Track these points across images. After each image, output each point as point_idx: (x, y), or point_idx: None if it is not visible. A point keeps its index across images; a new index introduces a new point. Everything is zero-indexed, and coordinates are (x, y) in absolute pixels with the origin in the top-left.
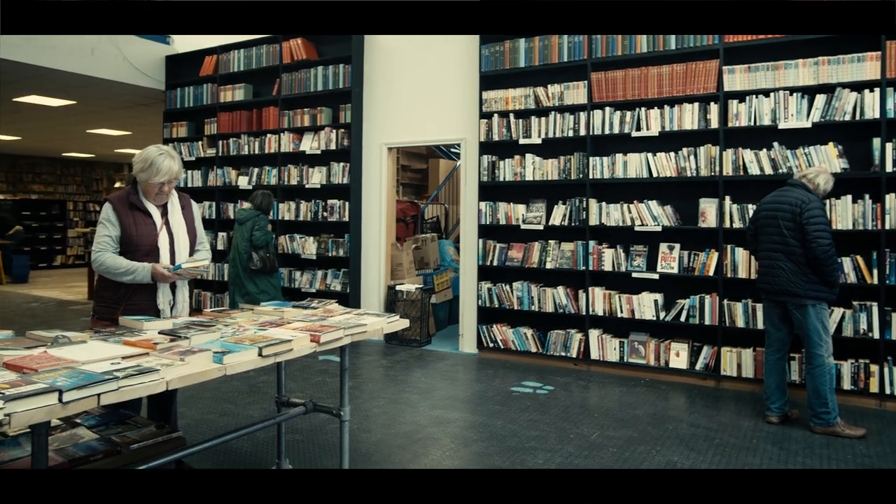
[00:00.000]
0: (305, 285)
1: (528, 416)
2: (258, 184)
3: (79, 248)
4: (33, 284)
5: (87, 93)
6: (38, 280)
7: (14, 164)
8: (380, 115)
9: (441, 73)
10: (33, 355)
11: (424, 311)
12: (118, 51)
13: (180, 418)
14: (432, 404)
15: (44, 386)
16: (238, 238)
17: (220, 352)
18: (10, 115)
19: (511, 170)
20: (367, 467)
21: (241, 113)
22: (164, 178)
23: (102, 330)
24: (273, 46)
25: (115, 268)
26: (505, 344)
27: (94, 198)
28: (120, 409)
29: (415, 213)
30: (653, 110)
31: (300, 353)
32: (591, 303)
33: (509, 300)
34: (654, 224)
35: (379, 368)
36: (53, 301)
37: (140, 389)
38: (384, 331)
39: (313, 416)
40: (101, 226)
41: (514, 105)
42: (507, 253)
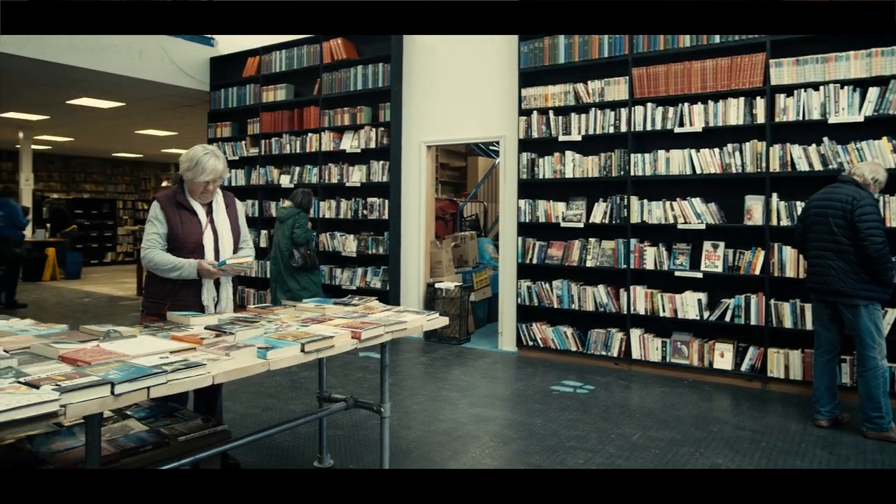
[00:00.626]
0: (346, 282)
1: (568, 416)
2: (299, 182)
3: (128, 246)
4: (85, 280)
5: (136, 94)
6: (89, 276)
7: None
8: (419, 113)
9: (480, 71)
10: (87, 349)
11: (463, 309)
12: (164, 53)
13: (225, 412)
14: (471, 402)
15: (97, 378)
16: (279, 236)
17: (263, 347)
18: (64, 117)
19: (550, 167)
20: (408, 463)
21: (283, 113)
22: (209, 177)
23: (151, 325)
24: (314, 47)
25: (162, 264)
26: (544, 342)
27: (142, 197)
28: (168, 402)
29: (454, 210)
30: (696, 105)
31: (341, 350)
32: (632, 302)
33: (549, 298)
34: (697, 222)
35: (418, 366)
36: (104, 297)
37: (187, 383)
38: (424, 328)
39: (354, 411)
40: (150, 224)
41: (553, 102)
42: (546, 251)
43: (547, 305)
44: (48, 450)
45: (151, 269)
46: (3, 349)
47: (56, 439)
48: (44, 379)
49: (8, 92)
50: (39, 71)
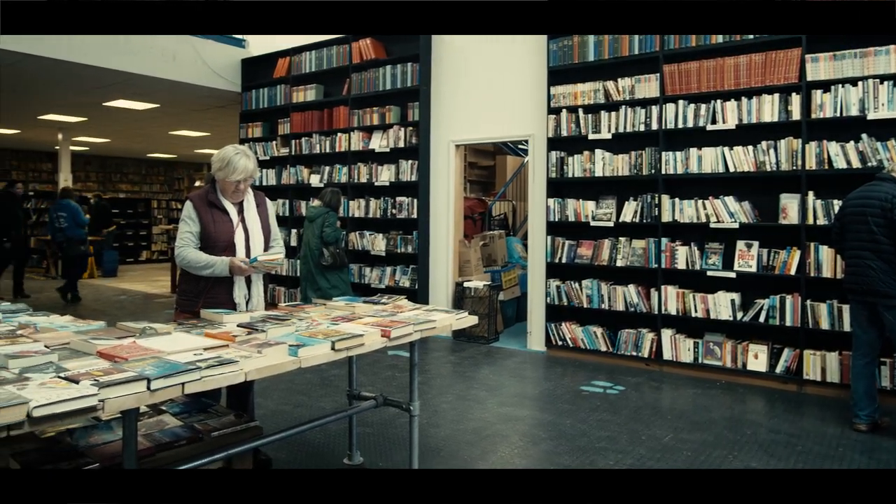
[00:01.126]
0: (375, 281)
1: (598, 416)
2: (329, 182)
3: (162, 244)
4: (121, 278)
5: (170, 96)
6: (125, 274)
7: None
8: (447, 112)
9: (508, 69)
10: (123, 345)
11: (492, 308)
12: (197, 55)
13: (257, 408)
14: (500, 401)
15: (133, 374)
16: (309, 235)
17: (295, 345)
18: (101, 118)
19: (580, 166)
20: (437, 462)
21: (313, 113)
22: (240, 177)
23: (185, 322)
24: (343, 47)
25: (195, 262)
26: (574, 342)
27: (175, 196)
28: (201, 398)
29: (482, 210)
30: (729, 102)
31: (371, 348)
32: (663, 302)
33: (578, 298)
34: (730, 221)
35: (447, 364)
36: (139, 294)
37: (220, 379)
38: (452, 327)
39: (383, 409)
40: (183, 223)
41: (582, 100)
42: (576, 250)
43: (576, 305)
44: (87, 443)
45: (185, 267)
46: (44, 345)
47: (94, 433)
48: (83, 374)
49: (48, 95)
50: (78, 74)
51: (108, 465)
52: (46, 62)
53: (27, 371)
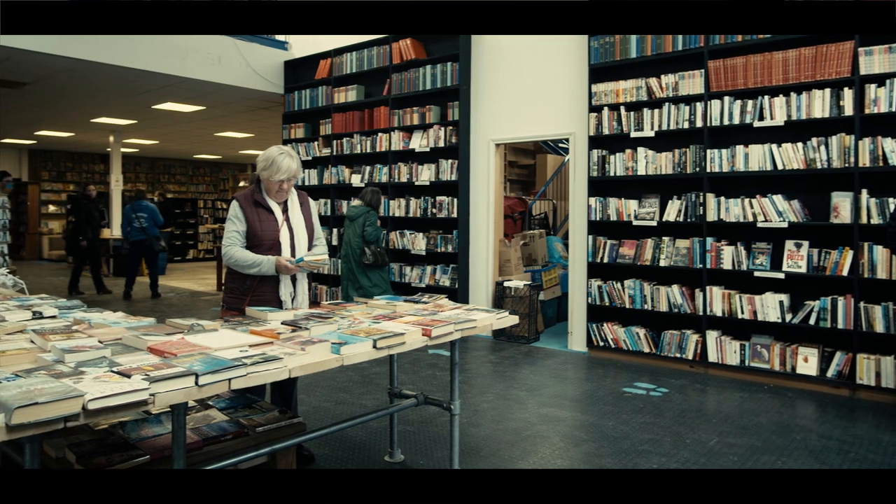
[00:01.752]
0: (415, 280)
1: (640, 419)
2: (370, 181)
3: (208, 243)
4: (170, 276)
5: (215, 98)
6: (173, 272)
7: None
8: (487, 111)
9: (549, 68)
10: (172, 341)
11: (533, 308)
12: (242, 58)
13: (300, 405)
14: (541, 402)
15: (182, 370)
16: (350, 234)
17: (337, 343)
18: (150, 121)
19: (622, 164)
20: (477, 461)
21: (354, 113)
22: (284, 176)
23: (231, 319)
24: (383, 48)
25: (242, 261)
26: (616, 343)
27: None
28: (247, 394)
29: (522, 209)
30: (777, 98)
31: (412, 347)
32: (708, 303)
33: (620, 298)
34: (779, 220)
35: (487, 364)
36: (187, 291)
37: (265, 376)
38: (493, 327)
39: (424, 408)
40: (230, 222)
41: (624, 97)
42: (618, 250)
43: (618, 305)
44: (138, 436)
45: (232, 266)
46: (97, 340)
47: (145, 426)
48: (134, 369)
49: (101, 99)
50: (129, 78)
51: (158, 458)
52: (100, 67)
53: (82, 365)
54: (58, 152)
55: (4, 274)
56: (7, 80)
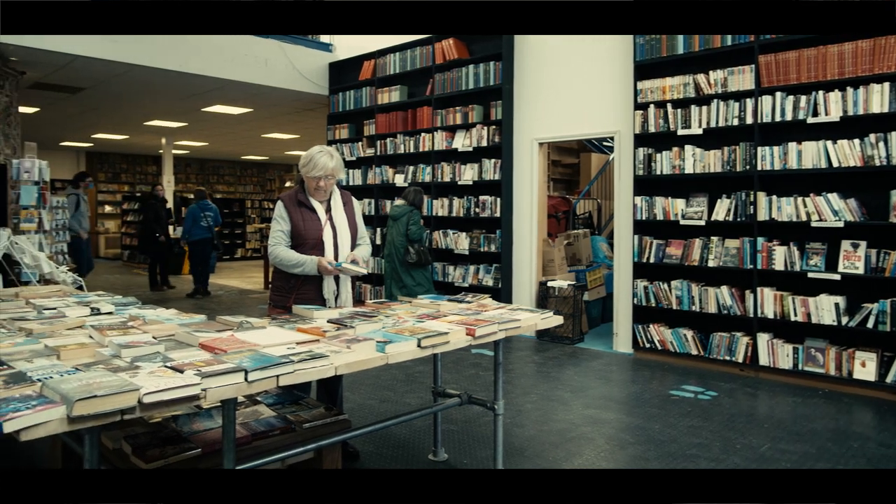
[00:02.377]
0: (458, 279)
1: (688, 422)
2: (413, 181)
3: (255, 242)
4: (219, 275)
5: (262, 100)
6: (222, 271)
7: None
8: (530, 110)
9: (593, 65)
10: (223, 338)
11: (577, 309)
12: (288, 60)
13: (344, 402)
14: (586, 403)
15: (232, 366)
16: (394, 233)
17: (382, 341)
18: (200, 123)
19: (669, 162)
20: (521, 462)
21: (397, 114)
22: (321, 173)
23: (278, 317)
24: (426, 48)
25: (287, 260)
26: (662, 345)
27: (268, 196)
28: (293, 390)
29: (566, 208)
30: (832, 93)
31: (455, 346)
32: (759, 304)
33: (667, 299)
34: (834, 219)
35: (531, 364)
36: (235, 290)
37: (312, 373)
38: (537, 327)
39: (467, 407)
40: (275, 222)
41: (671, 94)
42: (664, 250)
43: (665, 306)
44: (190, 429)
45: (277, 264)
46: (151, 336)
47: (196, 420)
48: (187, 364)
49: (153, 102)
50: (180, 82)
51: (209, 452)
52: (153, 71)
53: (137, 360)
54: (113, 154)
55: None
56: (67, 86)
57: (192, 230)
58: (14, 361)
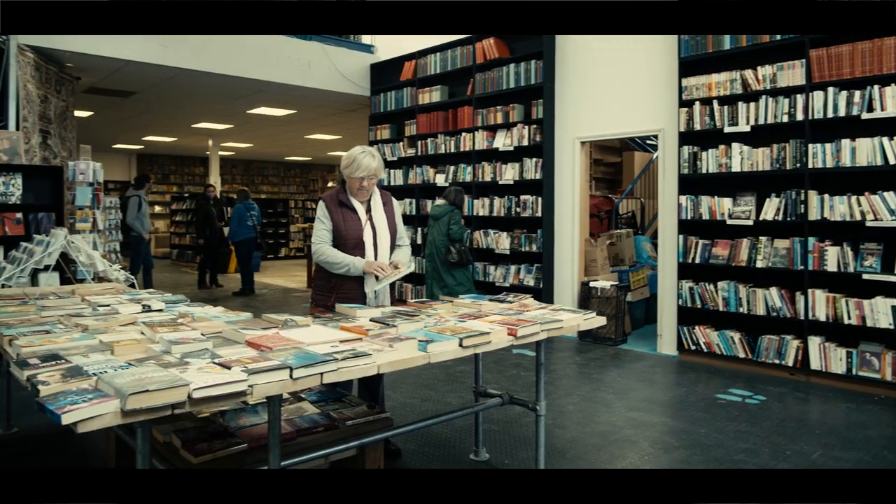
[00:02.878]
0: (499, 279)
1: (736, 427)
2: (454, 181)
3: (298, 242)
4: (263, 273)
5: (305, 102)
6: (266, 269)
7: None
8: (572, 109)
9: (636, 62)
10: (268, 335)
11: (620, 309)
12: (330, 62)
13: (386, 400)
14: (629, 405)
15: (278, 363)
16: (435, 233)
17: (424, 340)
18: (245, 125)
19: (715, 161)
20: (563, 464)
21: (438, 114)
22: (363, 174)
23: (322, 315)
24: (467, 48)
25: (332, 259)
26: (708, 347)
27: (310, 196)
28: (336, 388)
29: (609, 207)
30: (889, 87)
31: (497, 346)
32: (810, 307)
33: (713, 300)
34: (891, 219)
35: (573, 365)
36: (279, 288)
37: (355, 371)
38: (580, 328)
39: (508, 408)
40: (318, 221)
41: (717, 91)
42: (710, 250)
43: (711, 308)
44: (237, 424)
45: (321, 263)
46: (200, 333)
47: (242, 416)
48: (234, 361)
49: (201, 105)
50: (227, 85)
51: (255, 447)
52: (200, 75)
53: (187, 356)
54: (162, 156)
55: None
56: (119, 90)
57: (239, 230)
58: (71, 356)
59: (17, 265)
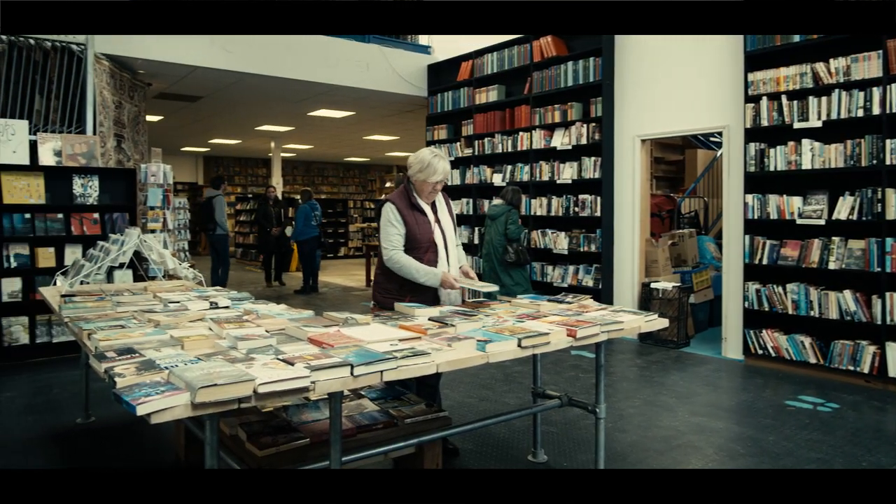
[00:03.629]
0: (557, 280)
1: (806, 435)
2: (511, 180)
3: (357, 241)
4: (323, 272)
5: (364, 103)
6: (326, 268)
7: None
8: (632, 106)
9: (699, 57)
10: (329, 333)
11: (682, 311)
12: (388, 64)
13: (444, 399)
14: (692, 410)
15: (339, 360)
16: (492, 233)
17: (482, 340)
18: (306, 127)
19: (783, 158)
20: (624, 467)
21: (495, 113)
22: (440, 178)
23: (381, 314)
24: (524, 46)
25: (410, 267)
26: (777, 352)
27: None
28: (395, 386)
29: (671, 207)
30: None
31: (556, 347)
32: (889, 311)
33: (782, 303)
34: None
35: (633, 368)
36: (339, 287)
37: (414, 370)
38: (641, 329)
39: (567, 409)
40: (390, 225)
41: (786, 85)
42: (779, 251)
43: (779, 311)
44: (299, 420)
45: (397, 271)
46: (264, 329)
47: (304, 411)
48: (297, 357)
49: (264, 108)
50: (287, 88)
51: (317, 442)
52: (263, 79)
53: (252, 352)
54: (227, 158)
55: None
56: (187, 95)
57: (304, 229)
58: (144, 350)
59: (95, 263)
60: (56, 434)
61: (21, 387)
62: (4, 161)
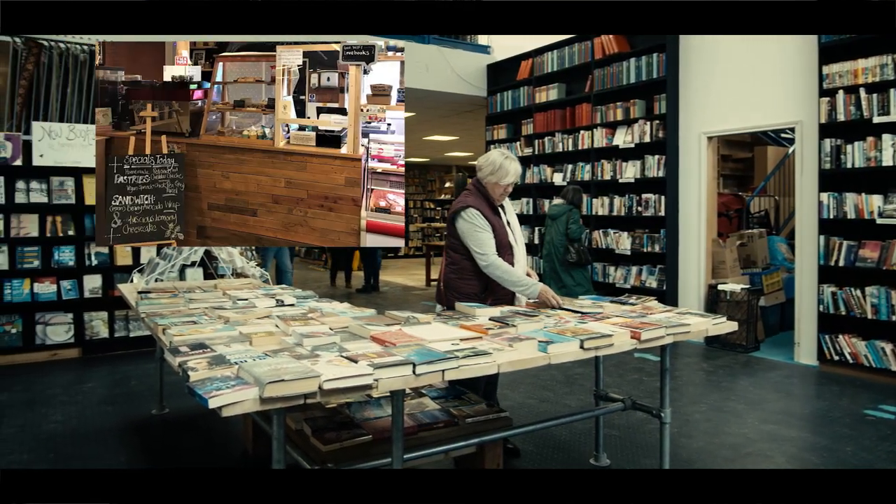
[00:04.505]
0: (619, 280)
1: (888, 447)
2: (571, 179)
3: (417, 241)
4: (384, 272)
5: (424, 104)
6: (387, 268)
7: None
8: (697, 102)
9: (768, 50)
10: (392, 331)
11: (751, 315)
12: (447, 64)
13: (504, 399)
14: (762, 417)
15: (402, 359)
16: (553, 233)
17: (544, 341)
18: None
19: (862, 154)
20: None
21: (555, 112)
22: (514, 179)
23: (442, 313)
24: (584, 44)
25: (511, 276)
26: (854, 358)
27: (428, 196)
28: (456, 386)
29: (739, 206)
30: None
31: (619, 349)
32: None
33: (860, 307)
34: None
35: (699, 372)
36: (399, 286)
37: (475, 369)
38: (708, 332)
39: (630, 413)
40: (483, 231)
41: (864, 77)
42: (856, 252)
43: (857, 315)
44: (362, 416)
45: (497, 278)
46: (329, 327)
47: (367, 408)
48: (360, 355)
49: None
50: None
51: (379, 439)
52: None
53: (317, 349)
54: None
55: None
56: None
57: None
58: (215, 345)
59: (169, 261)
60: (133, 424)
61: (101, 378)
62: (87, 164)
